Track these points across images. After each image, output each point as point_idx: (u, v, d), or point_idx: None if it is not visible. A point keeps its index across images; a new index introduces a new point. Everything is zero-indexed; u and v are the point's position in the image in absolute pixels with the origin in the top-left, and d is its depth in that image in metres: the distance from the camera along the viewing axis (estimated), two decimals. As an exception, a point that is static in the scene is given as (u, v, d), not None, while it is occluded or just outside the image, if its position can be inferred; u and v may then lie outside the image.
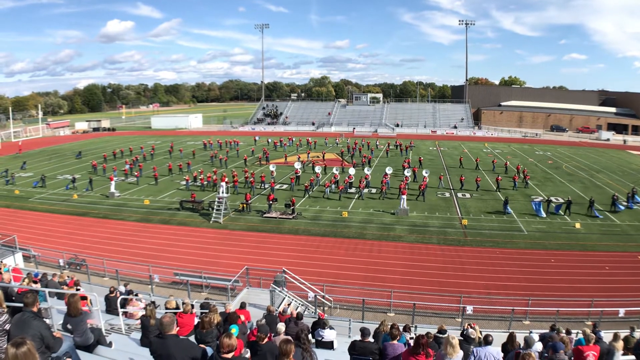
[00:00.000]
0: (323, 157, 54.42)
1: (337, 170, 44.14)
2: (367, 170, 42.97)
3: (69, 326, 7.16)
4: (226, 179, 33.38)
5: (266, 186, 39.89)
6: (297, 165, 43.66)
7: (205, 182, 41.10)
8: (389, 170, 42.27)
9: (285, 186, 41.07)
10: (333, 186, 39.04)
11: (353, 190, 38.88)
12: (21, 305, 6.02)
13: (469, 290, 20.40)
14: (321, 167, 45.06)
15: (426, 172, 41.38)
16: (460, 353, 7.43)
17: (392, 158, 56.90)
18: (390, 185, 39.14)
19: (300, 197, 36.76)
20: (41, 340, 5.45)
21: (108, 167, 49.32)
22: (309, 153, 56.54)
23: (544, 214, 31.97)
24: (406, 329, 12.16)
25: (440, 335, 10.38)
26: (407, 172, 42.03)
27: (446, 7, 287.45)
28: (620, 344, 9.89)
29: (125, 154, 58.52)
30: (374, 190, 39.13)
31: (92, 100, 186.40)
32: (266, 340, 7.54)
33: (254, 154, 57.56)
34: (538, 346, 10.17)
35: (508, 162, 51.71)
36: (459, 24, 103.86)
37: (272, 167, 44.04)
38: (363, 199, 36.60)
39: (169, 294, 18.09)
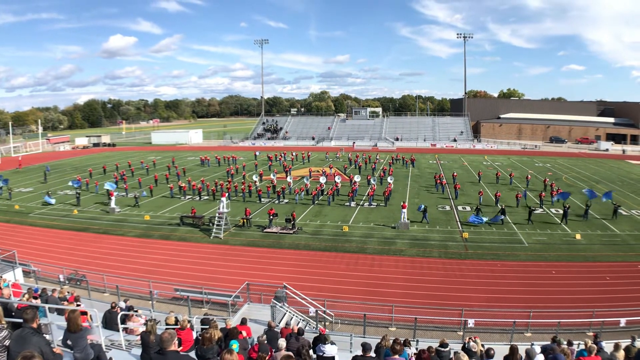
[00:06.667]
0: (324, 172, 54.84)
1: (322, 179, 45.55)
2: (390, 180, 46.28)
3: (69, 342, 7.14)
4: (227, 195, 33.37)
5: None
6: (322, 180, 45.42)
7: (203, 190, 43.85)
8: (390, 180, 45.79)
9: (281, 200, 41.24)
10: (302, 194, 42.09)
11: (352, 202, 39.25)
12: (21, 321, 6.02)
13: (470, 303, 20.29)
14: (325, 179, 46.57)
15: (391, 179, 46.37)
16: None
17: (394, 172, 56.85)
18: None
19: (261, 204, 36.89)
20: (41, 356, 5.44)
21: (93, 181, 49.25)
22: (331, 167, 58.19)
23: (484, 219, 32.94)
24: (405, 343, 12.09)
25: (442, 349, 10.34)
26: (390, 179, 46.70)
27: (444, 21, 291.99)
28: (621, 354, 9.86)
29: (120, 168, 58.51)
30: (374, 204, 39.25)
31: (92, 115, 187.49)
32: (267, 358, 7.52)
33: (256, 169, 57.85)
34: (540, 358, 10.10)
35: (513, 174, 51.79)
36: (457, 38, 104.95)
37: (254, 177, 47.42)
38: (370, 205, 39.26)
39: (169, 310, 18.01)
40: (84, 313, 9.61)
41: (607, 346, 11.40)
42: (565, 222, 32.76)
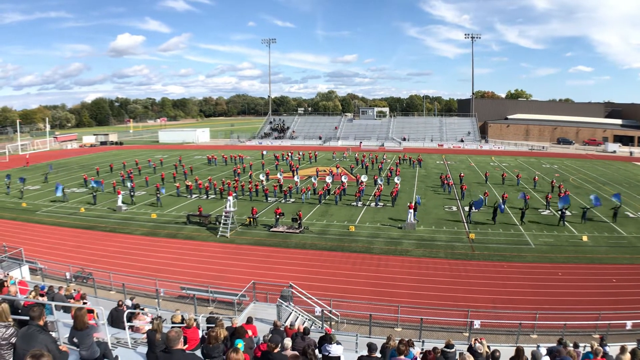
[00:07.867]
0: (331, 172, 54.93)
1: (329, 179, 45.89)
2: (397, 180, 46.13)
3: (75, 340, 7.17)
4: (234, 194, 33.43)
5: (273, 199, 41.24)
6: (328, 179, 45.83)
7: (210, 189, 44.06)
8: (397, 180, 45.66)
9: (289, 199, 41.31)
10: (309, 193, 42.11)
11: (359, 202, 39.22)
12: (27, 318, 6.05)
13: (476, 304, 20.22)
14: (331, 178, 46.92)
15: (398, 180, 46.09)
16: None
17: (401, 172, 56.77)
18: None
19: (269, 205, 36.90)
20: (49, 354, 5.46)
21: (104, 180, 49.21)
22: (338, 167, 57.97)
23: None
24: (409, 344, 12.06)
25: (448, 350, 10.30)
26: (397, 180, 46.49)
27: (451, 22, 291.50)
28: (627, 357, 9.77)
29: (127, 167, 58.87)
30: (381, 204, 39.19)
31: (99, 113, 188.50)
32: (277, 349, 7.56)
33: (263, 168, 57.96)
34: (546, 361, 10.06)
35: (521, 175, 51.31)
36: (465, 38, 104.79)
37: (261, 177, 47.73)
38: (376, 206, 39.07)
39: (175, 308, 18.03)
40: (91, 311, 9.66)
41: (613, 349, 11.32)
42: (562, 224, 32.68)
